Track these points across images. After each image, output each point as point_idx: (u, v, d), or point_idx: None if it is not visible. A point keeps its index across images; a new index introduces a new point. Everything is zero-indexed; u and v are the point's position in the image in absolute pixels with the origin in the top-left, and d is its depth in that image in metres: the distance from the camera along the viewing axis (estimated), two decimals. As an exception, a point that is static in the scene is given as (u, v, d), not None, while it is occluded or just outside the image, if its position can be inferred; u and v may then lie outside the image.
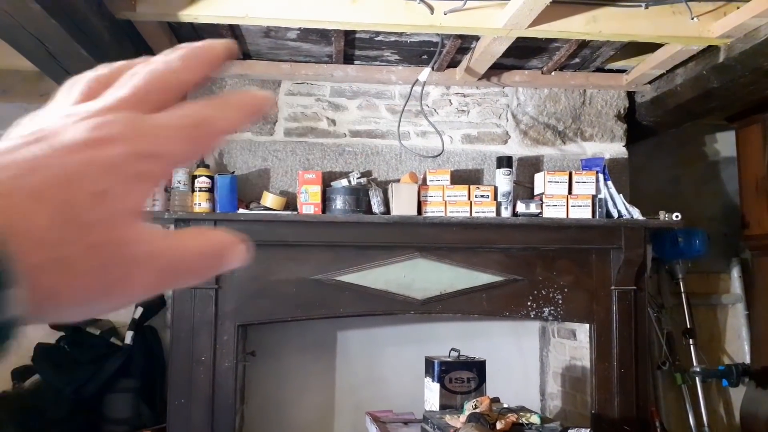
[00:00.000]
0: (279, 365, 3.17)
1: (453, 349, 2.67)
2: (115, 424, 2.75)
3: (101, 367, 2.79)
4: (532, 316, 2.94)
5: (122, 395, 2.78)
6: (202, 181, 2.60)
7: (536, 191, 2.89)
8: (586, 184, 2.81)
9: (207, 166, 2.65)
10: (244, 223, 2.62)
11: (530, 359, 3.41)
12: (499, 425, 2.08)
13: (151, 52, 2.43)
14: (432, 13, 2.15)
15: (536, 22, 2.15)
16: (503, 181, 2.82)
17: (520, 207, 2.81)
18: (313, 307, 2.78)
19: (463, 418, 2.16)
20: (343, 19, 2.18)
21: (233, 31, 2.48)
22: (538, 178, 2.88)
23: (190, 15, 2.08)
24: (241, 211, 2.62)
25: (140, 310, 2.93)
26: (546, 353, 3.37)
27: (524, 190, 2.93)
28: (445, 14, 2.17)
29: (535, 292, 2.91)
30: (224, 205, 2.62)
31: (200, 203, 2.59)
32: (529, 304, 2.92)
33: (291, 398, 3.19)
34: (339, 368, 3.27)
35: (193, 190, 2.60)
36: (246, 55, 2.79)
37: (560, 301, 2.88)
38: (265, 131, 2.85)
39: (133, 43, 2.27)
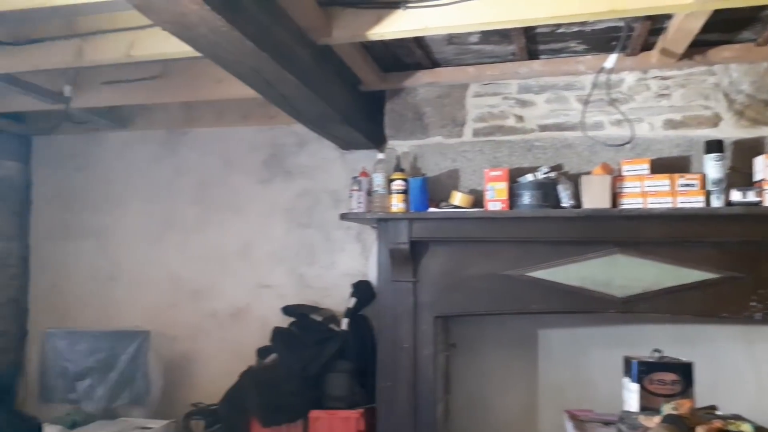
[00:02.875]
0: (481, 360, 3.27)
1: (655, 350, 2.49)
2: (334, 401, 3.12)
3: (322, 350, 3.20)
4: (759, 318, 2.59)
5: (340, 375, 3.14)
6: (397, 184, 2.84)
7: (756, 177, 2.55)
8: (821, 166, 2.39)
9: (402, 170, 2.89)
10: (434, 221, 2.80)
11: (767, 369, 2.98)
12: (700, 430, 1.91)
13: (349, 70, 2.76)
14: (609, -3, 2.08)
15: (733, -13, 1.94)
16: (713, 167, 2.55)
17: (736, 196, 2.51)
18: (504, 302, 2.84)
19: (658, 419, 2.02)
20: (517, 17, 2.21)
21: (419, 42, 2.68)
22: (758, 162, 2.53)
23: (377, 33, 2.32)
24: (432, 210, 2.80)
25: (354, 300, 3.30)
26: (786, 364, 2.91)
27: (740, 176, 2.60)
28: (625, -5, 2.07)
29: (761, 291, 2.56)
30: (417, 205, 2.83)
31: (396, 204, 2.84)
32: (753, 305, 2.58)
33: (493, 393, 3.26)
34: (542, 367, 3.24)
35: (390, 193, 2.86)
36: (435, 64, 2.97)
37: (796, 302, 2.50)
38: (454, 134, 3.00)
39: (332, 64, 2.60)
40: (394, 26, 2.30)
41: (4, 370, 3.60)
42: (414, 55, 2.82)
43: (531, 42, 2.69)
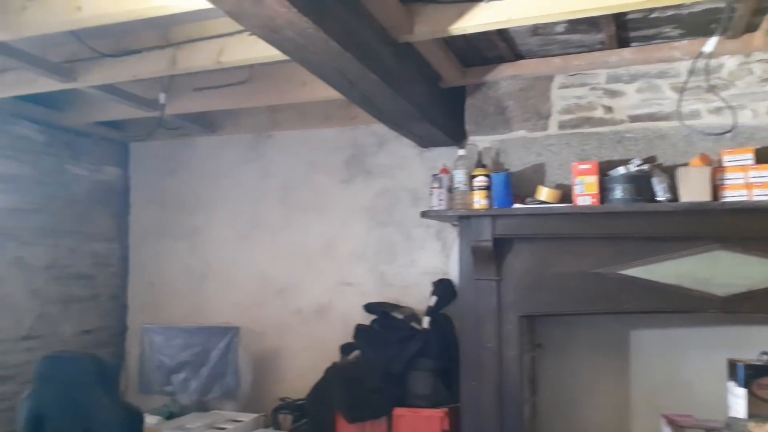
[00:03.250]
0: (568, 361, 3.17)
1: (764, 353, 2.31)
2: (418, 399, 3.11)
3: (405, 348, 3.20)
4: None
5: (422, 374, 3.14)
6: (479, 181, 2.79)
7: None
8: None
9: (484, 166, 2.84)
10: (519, 217, 2.73)
11: None
12: (820, 442, 1.75)
13: (429, 66, 2.74)
14: (709, -25, 1.95)
15: None
16: (828, 155, 2.34)
17: None
18: (595, 301, 2.73)
19: (770, 428, 1.88)
20: (608, 4, 2.12)
21: (502, 34, 2.63)
22: None
23: (459, 28, 2.29)
24: (516, 206, 2.74)
25: (435, 298, 3.28)
26: None
27: None
28: (727, -27, 1.94)
29: None
30: (500, 201, 2.77)
31: (479, 200, 2.79)
32: None
33: (582, 396, 3.15)
34: (634, 369, 3.10)
35: (471, 189, 2.82)
36: (518, 56, 2.90)
37: None
38: (538, 127, 2.92)
39: (413, 61, 2.59)
40: (477, 19, 2.26)
41: (111, 361, 3.85)
42: (496, 48, 2.77)
43: (621, 29, 2.57)
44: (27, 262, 3.52)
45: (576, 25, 2.53)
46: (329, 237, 3.77)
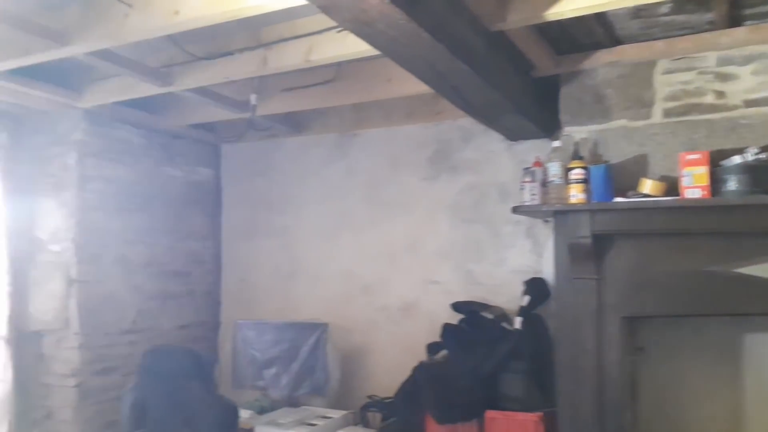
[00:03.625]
0: (673, 366, 2.96)
1: None
2: (510, 402, 3.00)
3: (495, 348, 3.10)
4: None
5: (514, 376, 3.02)
6: (576, 173, 2.66)
7: None
8: None
9: (581, 158, 2.70)
10: (621, 212, 2.57)
11: None
12: None
13: (521, 55, 2.63)
14: None
15: None
16: None
17: None
18: (706, 302, 2.53)
19: None
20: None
21: (600, 18, 2.48)
22: None
23: (555, 13, 2.18)
24: (617, 199, 2.58)
25: (527, 298, 3.16)
26: None
27: None
28: None
29: None
30: (600, 194, 2.62)
31: (576, 194, 2.65)
32: None
33: (689, 404, 2.94)
34: (749, 377, 2.86)
35: (568, 183, 2.68)
36: (616, 41, 2.73)
37: None
38: (640, 116, 2.74)
39: (504, 50, 2.50)
40: (574, 3, 2.14)
41: (207, 355, 3.99)
42: (594, 33, 2.62)
43: (734, 7, 2.36)
44: (129, 260, 3.71)
45: (682, 5, 2.35)
46: (414, 234, 3.72)
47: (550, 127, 3.02)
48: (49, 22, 2.47)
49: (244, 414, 3.37)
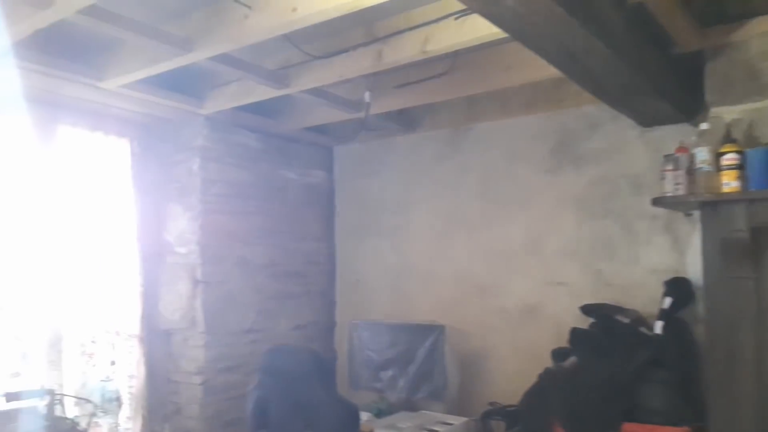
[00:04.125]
0: None
1: None
2: (651, 414, 2.72)
3: (633, 355, 2.83)
4: None
5: (656, 386, 2.74)
6: (729, 158, 2.35)
7: None
8: None
9: (734, 141, 2.38)
10: (788, 200, 2.24)
11: None
12: None
13: (661, 30, 2.36)
14: None
15: None
16: None
17: None
18: None
19: None
20: None
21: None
22: None
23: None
24: (781, 187, 2.24)
25: (669, 300, 2.86)
26: None
27: None
28: None
29: None
30: (759, 181, 2.29)
31: (728, 183, 2.34)
32: None
33: None
34: None
35: (719, 170, 2.38)
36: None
37: None
38: (808, 89, 2.37)
39: (643, 25, 2.25)
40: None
41: (327, 356, 4.01)
42: (746, 0, 2.30)
43: None
44: (249, 261, 3.80)
45: None
46: (535, 232, 3.51)
47: (690, 110, 2.71)
48: (174, 30, 2.55)
49: (363, 416, 3.32)
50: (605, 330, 3.02)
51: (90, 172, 3.41)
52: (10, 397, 2.52)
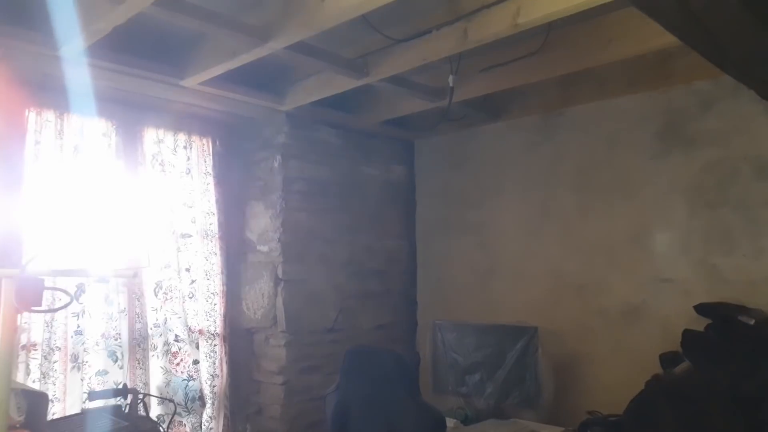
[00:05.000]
0: None
1: None
2: (785, 431, 2.37)
3: (759, 363, 2.48)
4: None
5: (791, 398, 2.38)
6: None
7: None
8: None
9: None
10: None
11: None
12: None
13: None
14: None
15: None
16: None
17: None
18: None
19: None
20: None
21: None
22: None
23: None
24: None
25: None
26: None
27: None
28: None
29: None
30: None
31: None
32: None
33: None
34: None
35: None
36: None
37: None
38: None
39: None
40: None
41: (410, 358, 3.85)
42: None
43: None
44: (329, 259, 3.70)
45: None
46: (639, 224, 3.19)
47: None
48: (251, 21, 2.47)
49: (449, 422, 3.13)
50: (724, 333, 2.68)
51: (175, 172, 3.42)
52: (93, 396, 2.52)
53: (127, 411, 2.55)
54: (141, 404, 2.60)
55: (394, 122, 3.92)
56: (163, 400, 3.10)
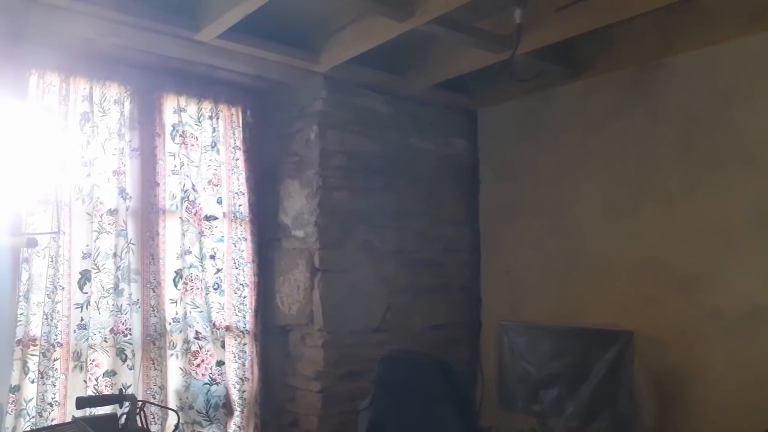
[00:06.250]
0: None
1: None
2: None
3: None
4: None
5: None
6: None
7: None
8: None
9: None
10: None
11: None
12: None
13: None
14: None
15: None
16: None
17: None
18: None
19: None
20: None
21: None
22: None
23: None
24: None
25: None
26: None
27: None
28: None
29: None
30: None
31: None
32: None
33: None
34: None
35: None
36: None
37: None
38: None
39: None
40: None
41: (462, 369, 3.28)
42: None
43: None
44: (375, 247, 3.18)
45: None
46: (765, 201, 2.47)
47: None
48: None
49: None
50: None
51: (198, 145, 3.02)
52: (82, 402, 2.10)
53: (123, 421, 2.13)
54: (141, 413, 2.17)
55: (453, 87, 3.35)
56: (174, 408, 2.68)
